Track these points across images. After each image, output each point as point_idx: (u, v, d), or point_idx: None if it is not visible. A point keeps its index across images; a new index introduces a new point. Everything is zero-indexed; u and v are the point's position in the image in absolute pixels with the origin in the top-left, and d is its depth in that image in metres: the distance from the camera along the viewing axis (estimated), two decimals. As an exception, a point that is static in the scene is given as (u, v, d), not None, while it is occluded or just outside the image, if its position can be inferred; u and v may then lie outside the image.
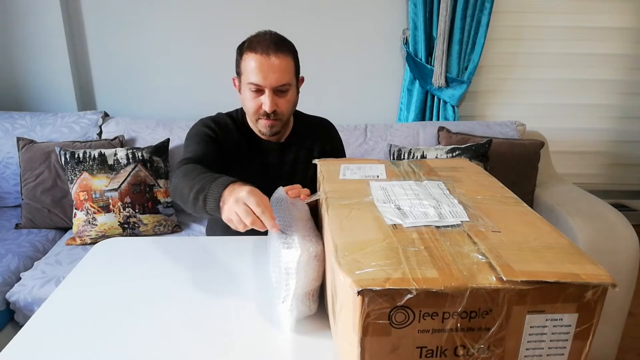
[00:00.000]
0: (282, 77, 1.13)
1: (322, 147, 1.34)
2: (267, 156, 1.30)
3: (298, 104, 1.30)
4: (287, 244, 0.77)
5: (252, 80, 1.13)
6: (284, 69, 1.13)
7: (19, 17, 2.13)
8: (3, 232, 1.84)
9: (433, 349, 0.57)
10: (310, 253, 0.75)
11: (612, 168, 2.67)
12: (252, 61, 1.12)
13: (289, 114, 1.22)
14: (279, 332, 0.80)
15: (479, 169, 0.99)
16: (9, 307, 1.54)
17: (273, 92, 1.15)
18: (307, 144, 1.32)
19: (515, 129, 2.11)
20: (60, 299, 0.91)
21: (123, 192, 1.76)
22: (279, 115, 1.19)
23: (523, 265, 0.57)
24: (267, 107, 1.15)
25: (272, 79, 1.12)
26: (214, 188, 0.89)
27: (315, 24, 2.29)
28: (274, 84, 1.13)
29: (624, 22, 2.38)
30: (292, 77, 1.17)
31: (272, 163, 1.30)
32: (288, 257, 0.75)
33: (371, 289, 0.53)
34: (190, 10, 2.23)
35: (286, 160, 1.31)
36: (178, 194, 1.01)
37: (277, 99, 1.16)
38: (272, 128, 1.21)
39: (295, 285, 0.75)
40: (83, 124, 2.04)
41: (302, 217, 0.87)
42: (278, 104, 1.17)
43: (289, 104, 1.19)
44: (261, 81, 1.13)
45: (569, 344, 0.58)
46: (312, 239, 0.78)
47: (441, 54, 2.21)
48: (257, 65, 1.12)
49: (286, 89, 1.16)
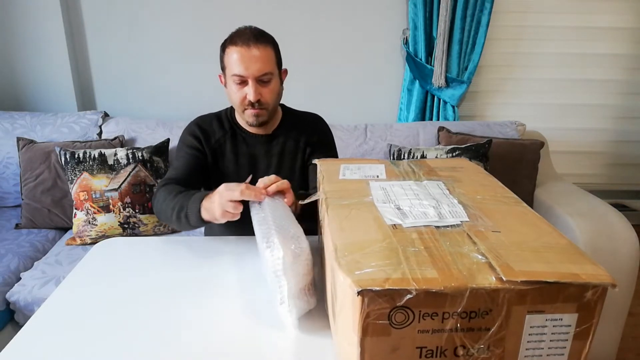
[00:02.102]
0: (263, 67, 1.18)
1: (309, 139, 1.35)
2: (254, 148, 1.33)
3: (294, 103, 1.34)
4: (270, 247, 0.77)
5: (235, 71, 1.18)
6: (264, 59, 1.18)
7: (19, 17, 2.13)
8: (3, 232, 1.84)
9: (433, 349, 0.57)
10: (293, 252, 0.75)
11: (612, 168, 2.67)
12: (234, 54, 1.17)
13: (274, 103, 1.25)
14: (279, 331, 0.80)
15: (479, 169, 0.99)
16: (9, 307, 1.54)
17: (256, 81, 1.19)
18: (294, 136, 1.35)
19: (515, 129, 2.11)
20: (60, 299, 0.91)
21: (123, 192, 1.76)
22: (263, 105, 1.22)
23: (523, 265, 0.57)
24: (252, 97, 1.19)
25: (254, 68, 1.17)
26: (192, 204, 1.02)
27: (315, 24, 2.29)
28: (256, 73, 1.17)
29: (624, 22, 2.38)
30: (274, 67, 1.21)
31: (259, 154, 1.33)
32: (273, 260, 0.75)
33: (371, 289, 0.53)
34: (191, 11, 2.23)
35: (273, 152, 1.33)
36: (162, 216, 1.13)
37: (261, 89, 1.20)
38: (259, 117, 1.25)
39: (288, 286, 0.76)
40: (83, 124, 2.04)
41: (281, 215, 0.86)
42: (262, 93, 1.21)
43: (272, 93, 1.23)
44: (243, 71, 1.17)
45: (568, 344, 0.58)
46: (293, 237, 0.78)
47: (441, 54, 2.21)
48: (239, 57, 1.16)
49: (268, 78, 1.20)
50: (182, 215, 1.05)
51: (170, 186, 1.17)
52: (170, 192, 1.13)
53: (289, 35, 2.30)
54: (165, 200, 1.11)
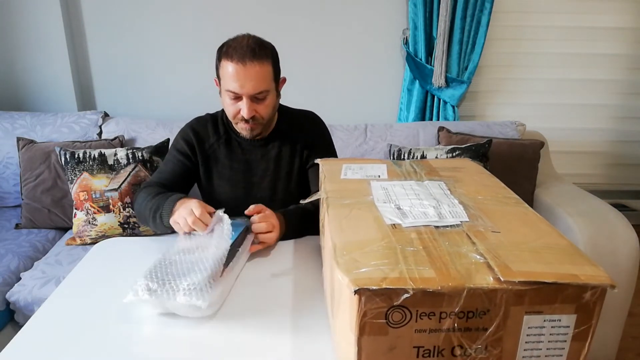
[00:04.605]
0: (258, 85, 1.14)
1: (306, 141, 1.34)
2: (249, 153, 1.32)
3: (294, 103, 1.34)
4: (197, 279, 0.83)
5: (229, 87, 1.15)
6: (260, 77, 1.14)
7: (19, 17, 2.13)
8: (3, 232, 1.84)
9: (430, 349, 0.57)
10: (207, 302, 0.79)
11: (612, 168, 2.66)
12: (229, 68, 1.13)
13: (269, 117, 1.23)
14: (279, 330, 0.81)
15: (480, 169, 0.99)
16: (9, 307, 1.54)
17: (250, 99, 1.16)
18: (291, 138, 1.33)
19: (515, 129, 2.11)
20: (60, 299, 0.91)
21: (123, 192, 1.76)
22: (258, 120, 1.21)
23: (521, 266, 0.57)
24: (245, 114, 1.17)
25: (249, 87, 1.13)
26: (167, 205, 1.08)
27: (315, 24, 2.29)
28: (251, 92, 1.14)
29: (624, 22, 2.38)
30: (270, 83, 1.18)
31: (255, 159, 1.32)
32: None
33: (368, 288, 0.53)
34: (190, 11, 2.23)
35: (270, 156, 1.32)
36: (141, 217, 1.19)
37: (255, 105, 1.18)
38: (252, 131, 1.23)
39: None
40: (83, 124, 2.05)
41: (216, 257, 0.89)
42: (257, 109, 1.18)
43: (267, 109, 1.21)
44: (238, 89, 1.14)
45: (567, 344, 0.58)
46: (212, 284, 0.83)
47: (441, 54, 2.20)
48: (234, 74, 1.13)
49: (264, 96, 1.17)
50: (157, 215, 1.10)
51: (150, 188, 1.21)
52: (149, 193, 1.17)
53: (289, 35, 2.31)
54: (144, 201, 1.16)
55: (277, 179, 1.32)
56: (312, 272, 0.99)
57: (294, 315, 0.85)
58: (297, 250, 1.10)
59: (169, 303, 0.80)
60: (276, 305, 0.88)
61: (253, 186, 1.32)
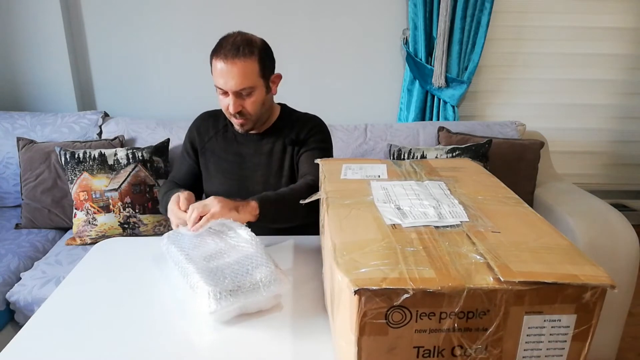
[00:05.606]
0: (241, 82, 1.17)
1: (299, 136, 1.33)
2: (244, 146, 1.35)
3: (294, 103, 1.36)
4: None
5: (216, 83, 1.20)
6: (243, 74, 1.17)
7: (19, 17, 2.13)
8: (3, 232, 1.84)
9: (430, 349, 0.57)
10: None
11: (612, 168, 2.66)
12: (217, 65, 1.18)
13: (257, 112, 1.26)
14: (279, 330, 0.81)
15: (481, 169, 0.99)
16: (9, 307, 1.54)
17: (235, 95, 1.20)
18: (285, 135, 1.34)
19: (515, 129, 2.11)
20: (60, 299, 0.91)
21: (123, 192, 1.76)
22: (245, 115, 1.24)
23: (521, 266, 0.57)
24: (231, 109, 1.21)
25: (232, 83, 1.17)
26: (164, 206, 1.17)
27: (315, 24, 2.29)
28: (234, 88, 1.18)
29: (624, 22, 2.38)
30: (256, 79, 1.20)
31: (248, 154, 1.35)
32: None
33: (368, 289, 0.53)
34: (190, 11, 2.23)
35: (262, 151, 1.34)
36: (161, 206, 1.27)
37: (242, 101, 1.22)
38: (243, 126, 1.28)
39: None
40: (83, 124, 2.05)
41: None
42: (243, 105, 1.23)
43: (254, 105, 1.23)
44: (222, 85, 1.19)
45: (567, 345, 0.58)
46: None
47: (441, 54, 2.20)
48: (219, 70, 1.18)
49: (248, 92, 1.21)
50: (163, 204, 1.20)
51: (168, 182, 1.38)
52: (160, 192, 1.33)
53: (289, 35, 2.31)
54: (161, 193, 1.31)
55: (269, 173, 1.33)
56: (312, 272, 0.99)
57: (294, 315, 0.85)
58: (297, 250, 1.10)
59: (250, 299, 0.82)
60: (276, 305, 0.88)
61: (246, 179, 1.35)
